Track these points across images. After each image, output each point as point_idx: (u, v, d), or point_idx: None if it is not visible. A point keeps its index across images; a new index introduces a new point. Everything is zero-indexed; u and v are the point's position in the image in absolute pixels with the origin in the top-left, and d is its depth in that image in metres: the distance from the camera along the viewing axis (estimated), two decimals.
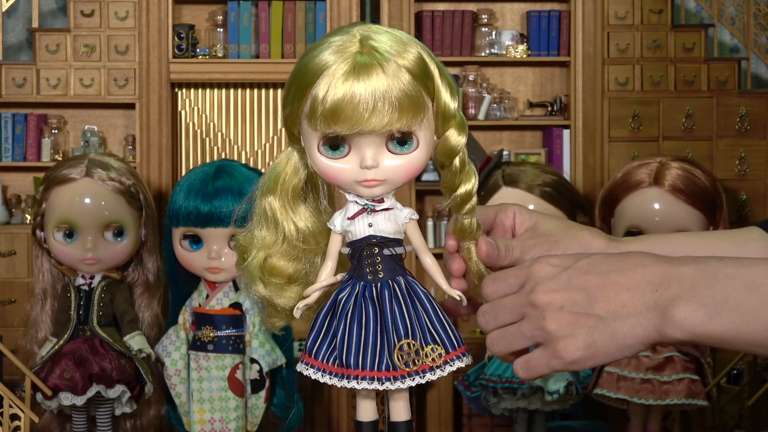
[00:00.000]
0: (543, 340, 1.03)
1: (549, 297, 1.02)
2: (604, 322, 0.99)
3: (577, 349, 1.00)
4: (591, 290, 1.00)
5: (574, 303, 1.01)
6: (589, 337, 1.00)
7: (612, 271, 1.00)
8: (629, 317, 0.98)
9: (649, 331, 0.98)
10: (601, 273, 1.01)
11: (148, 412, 2.71)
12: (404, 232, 1.22)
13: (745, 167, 4.17)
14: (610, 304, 0.99)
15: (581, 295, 1.01)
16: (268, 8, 4.17)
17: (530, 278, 1.05)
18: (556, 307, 1.01)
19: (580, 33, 4.16)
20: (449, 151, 1.20)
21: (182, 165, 4.23)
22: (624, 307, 0.99)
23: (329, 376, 1.19)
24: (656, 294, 0.98)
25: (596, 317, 1.00)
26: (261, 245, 1.23)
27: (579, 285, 1.01)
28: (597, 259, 1.03)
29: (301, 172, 1.23)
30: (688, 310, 0.96)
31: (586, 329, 1.00)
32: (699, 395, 2.71)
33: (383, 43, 1.14)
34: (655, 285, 0.98)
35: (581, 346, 1.00)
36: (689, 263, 0.99)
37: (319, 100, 1.12)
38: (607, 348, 1.00)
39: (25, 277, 3.94)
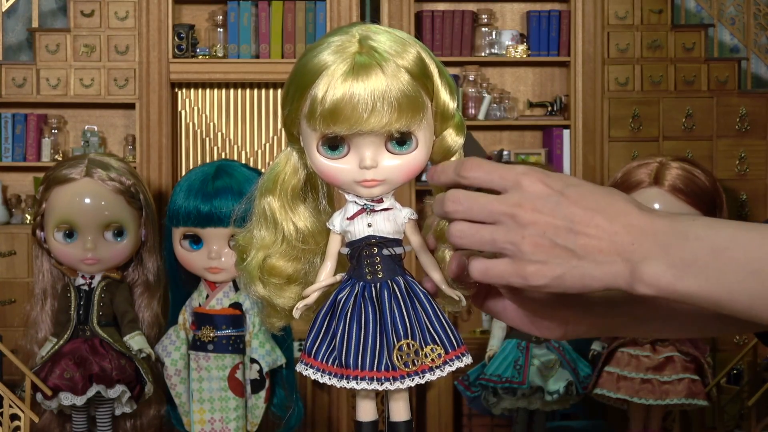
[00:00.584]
0: (512, 254, 1.01)
1: (534, 217, 1.00)
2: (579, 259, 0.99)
3: (544, 277, 1.00)
4: (574, 224, 1.00)
5: (556, 231, 1.00)
6: (560, 269, 1.00)
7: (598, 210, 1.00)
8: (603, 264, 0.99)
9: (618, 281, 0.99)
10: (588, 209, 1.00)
11: (148, 412, 2.71)
12: (403, 233, 1.22)
13: (745, 167, 4.17)
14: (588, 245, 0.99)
15: (564, 225, 1.00)
16: (268, 8, 4.17)
17: (518, 188, 1.02)
18: (539, 229, 1.00)
19: (580, 33, 4.16)
20: (446, 151, 1.20)
21: (182, 165, 4.23)
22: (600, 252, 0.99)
23: (329, 377, 1.19)
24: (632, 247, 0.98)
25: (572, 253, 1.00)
26: (260, 245, 1.23)
27: (564, 214, 1.00)
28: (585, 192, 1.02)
29: (300, 172, 1.23)
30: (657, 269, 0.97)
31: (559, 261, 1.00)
32: (699, 395, 2.71)
33: (382, 43, 1.14)
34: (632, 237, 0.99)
35: (550, 275, 1.00)
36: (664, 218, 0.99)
37: (318, 100, 1.12)
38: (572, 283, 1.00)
39: (25, 277, 3.94)
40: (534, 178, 1.02)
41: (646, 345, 2.75)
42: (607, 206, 1.01)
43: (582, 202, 1.01)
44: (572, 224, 1.00)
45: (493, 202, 1.03)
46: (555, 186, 1.02)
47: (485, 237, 1.03)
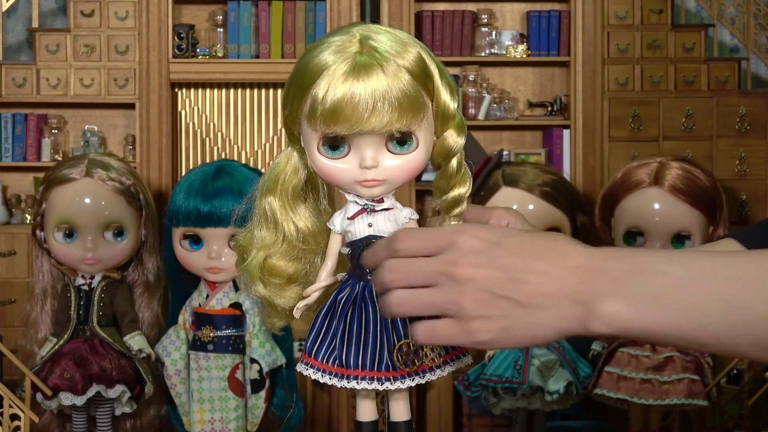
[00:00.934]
0: (455, 314, 0.98)
1: (471, 272, 0.97)
2: (523, 309, 0.96)
3: (489, 332, 0.97)
4: (515, 273, 0.96)
5: (496, 283, 0.96)
6: (505, 321, 0.96)
7: (539, 256, 0.97)
8: (551, 309, 0.95)
9: (570, 324, 0.95)
10: (527, 256, 0.97)
11: (148, 412, 2.71)
12: None
13: (745, 167, 4.17)
14: (532, 292, 0.96)
15: (504, 276, 0.96)
16: (268, 8, 4.17)
17: (452, 247, 0.99)
18: (477, 284, 0.97)
19: (580, 33, 4.16)
20: (446, 152, 1.21)
21: (182, 165, 4.23)
22: (546, 297, 0.95)
23: (329, 376, 1.19)
24: (580, 287, 0.95)
25: (516, 303, 0.96)
26: (261, 245, 1.23)
27: (503, 265, 0.97)
28: (524, 240, 0.99)
29: (300, 172, 1.23)
30: (615, 305, 0.93)
31: (502, 313, 0.96)
32: (699, 395, 2.71)
33: (383, 43, 1.14)
34: (579, 278, 0.95)
35: (495, 329, 0.97)
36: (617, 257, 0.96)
37: (319, 100, 1.12)
38: (521, 336, 0.97)
39: (25, 277, 3.94)
40: (467, 234, 0.99)
41: (646, 345, 2.75)
42: (548, 251, 0.98)
43: (520, 250, 0.98)
44: (512, 273, 0.96)
45: (429, 264, 1.00)
46: (490, 238, 0.99)
47: (424, 300, 1.00)
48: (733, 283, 0.92)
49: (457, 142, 1.21)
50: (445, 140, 1.20)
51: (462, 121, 1.22)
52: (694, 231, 2.80)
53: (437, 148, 1.21)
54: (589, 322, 0.94)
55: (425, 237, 1.02)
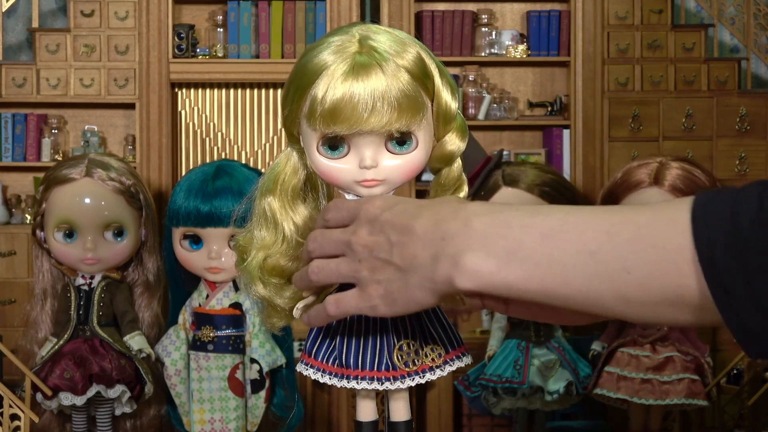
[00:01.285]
0: (356, 281, 1.02)
1: (364, 240, 1.00)
2: (401, 272, 0.97)
3: (378, 297, 0.99)
4: (393, 236, 0.98)
5: (381, 249, 0.99)
6: (388, 286, 0.98)
7: (414, 217, 0.98)
8: (420, 268, 0.96)
9: (438, 283, 0.95)
10: (404, 220, 0.98)
11: (148, 412, 2.71)
12: None
13: (745, 167, 4.17)
14: (405, 254, 0.97)
15: (386, 241, 0.99)
16: (268, 8, 4.17)
17: (357, 218, 1.03)
18: (368, 251, 1.00)
19: (580, 33, 4.16)
20: (447, 156, 1.21)
21: (182, 165, 4.23)
22: (415, 257, 0.96)
23: (329, 376, 1.19)
24: (443, 243, 0.95)
25: (395, 266, 0.98)
26: (260, 245, 1.23)
27: (387, 231, 0.99)
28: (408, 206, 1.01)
29: (300, 172, 1.23)
30: (476, 259, 0.93)
31: (385, 277, 0.98)
32: (699, 395, 2.71)
33: (382, 43, 1.14)
34: (442, 235, 0.95)
35: (382, 293, 0.99)
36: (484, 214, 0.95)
37: (318, 100, 1.12)
38: (403, 300, 0.98)
39: (25, 277, 3.94)
40: (369, 203, 1.03)
41: (646, 345, 2.75)
42: (422, 212, 0.99)
43: (401, 216, 0.99)
44: (391, 238, 0.99)
45: (338, 234, 1.04)
46: (386, 205, 1.02)
47: (333, 270, 1.04)
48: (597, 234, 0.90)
49: (459, 146, 1.21)
50: (446, 145, 1.20)
51: (464, 124, 1.22)
52: None
53: (437, 152, 1.21)
54: (454, 278, 0.94)
55: (343, 205, 1.07)
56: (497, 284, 0.92)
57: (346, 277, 1.03)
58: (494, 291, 0.93)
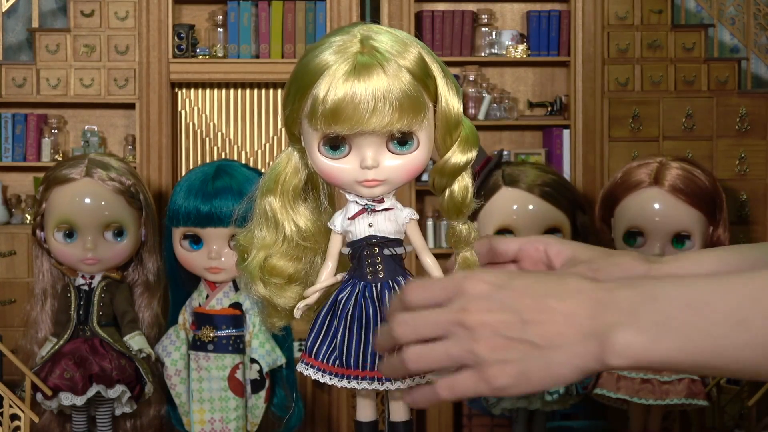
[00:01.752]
0: (472, 363, 0.95)
1: (482, 318, 0.94)
2: (539, 350, 0.93)
3: (508, 376, 0.94)
4: (526, 314, 0.94)
5: (508, 327, 0.94)
6: (522, 365, 0.94)
7: (548, 295, 0.94)
8: (565, 347, 0.93)
9: (588, 361, 0.93)
10: (537, 296, 0.94)
11: (148, 412, 2.71)
12: (404, 232, 1.22)
13: (745, 167, 4.17)
14: (545, 331, 0.93)
15: (516, 318, 0.94)
16: (268, 8, 4.16)
17: (461, 294, 0.96)
18: (489, 329, 0.94)
19: (580, 33, 4.16)
20: (452, 170, 1.20)
21: (182, 165, 4.23)
22: (560, 335, 0.93)
23: (329, 376, 1.19)
24: (593, 321, 0.92)
25: (530, 344, 0.93)
26: (261, 245, 1.23)
27: (514, 308, 0.94)
28: (533, 280, 0.97)
29: (301, 172, 1.23)
30: (628, 336, 0.91)
31: (519, 356, 0.93)
32: (699, 395, 2.71)
33: (384, 43, 1.14)
34: (591, 311, 0.93)
35: (513, 373, 0.94)
36: (626, 287, 0.93)
37: (320, 100, 1.12)
38: (540, 377, 0.94)
39: (25, 277, 3.94)
40: (476, 279, 0.97)
41: None
42: (557, 288, 0.95)
43: (529, 291, 0.95)
44: (523, 314, 0.94)
45: (438, 314, 0.97)
46: (499, 281, 0.97)
47: (440, 354, 0.97)
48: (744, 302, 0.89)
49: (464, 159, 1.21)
50: (449, 161, 1.20)
51: (471, 135, 1.22)
52: (694, 231, 2.80)
53: (440, 167, 1.21)
54: (606, 356, 0.92)
55: (434, 287, 1.00)
56: (650, 360, 0.91)
57: (458, 359, 0.96)
58: (646, 366, 0.92)
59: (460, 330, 0.95)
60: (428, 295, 0.99)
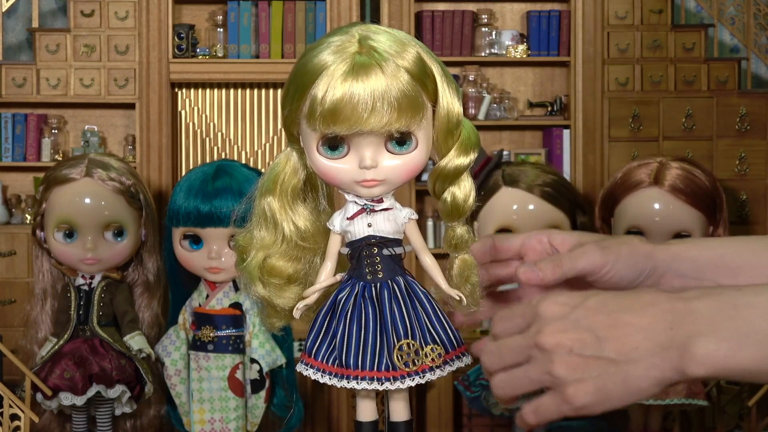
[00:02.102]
0: (551, 384, 0.97)
1: (556, 339, 0.96)
2: (616, 365, 0.94)
3: (587, 394, 0.95)
4: (601, 331, 0.94)
5: (584, 345, 0.95)
6: (600, 381, 0.94)
7: (622, 310, 0.95)
8: (643, 359, 0.93)
9: (666, 372, 0.93)
10: (611, 312, 0.95)
11: (148, 412, 2.71)
12: (403, 232, 1.22)
13: (745, 167, 4.17)
14: (621, 346, 0.94)
15: (590, 336, 0.95)
16: (268, 8, 4.16)
17: (537, 318, 0.98)
18: (565, 349, 0.95)
19: (580, 33, 4.16)
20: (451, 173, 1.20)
21: (182, 165, 4.23)
22: (636, 349, 0.93)
23: (329, 377, 1.19)
24: (671, 332, 0.92)
25: (607, 360, 0.94)
26: (260, 245, 1.23)
27: (588, 326, 0.95)
28: (606, 298, 0.97)
29: (300, 172, 1.23)
30: (709, 345, 0.91)
31: (596, 373, 0.94)
32: (699, 395, 2.71)
33: (382, 43, 1.14)
34: (668, 323, 0.93)
35: (591, 390, 0.95)
36: (704, 297, 0.94)
37: (318, 100, 1.12)
38: (619, 392, 0.94)
39: (25, 277, 3.94)
40: (549, 301, 0.99)
41: None
42: (632, 303, 0.96)
43: (604, 308, 0.96)
44: (597, 332, 0.95)
45: (517, 340, 1.00)
46: (573, 302, 0.98)
47: (521, 378, 0.99)
48: None
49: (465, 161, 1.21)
50: (449, 164, 1.20)
51: (474, 138, 1.21)
52: (694, 231, 2.80)
53: (441, 168, 1.21)
54: (685, 366, 0.92)
55: (513, 315, 1.02)
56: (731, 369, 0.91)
57: (539, 381, 0.98)
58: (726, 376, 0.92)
59: (537, 353, 0.97)
60: (510, 324, 1.01)
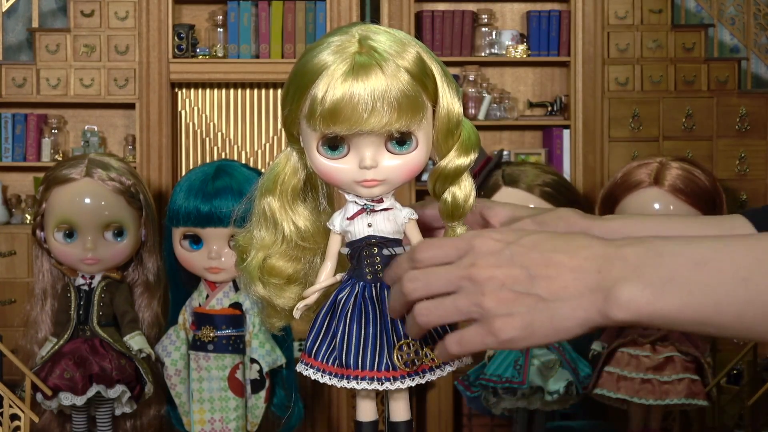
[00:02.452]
0: (479, 316, 0.98)
1: (490, 272, 0.98)
2: (545, 302, 0.96)
3: (513, 329, 0.97)
4: (533, 269, 0.97)
5: (516, 281, 0.97)
6: (528, 317, 0.96)
7: (555, 250, 0.97)
8: (570, 299, 0.95)
9: (591, 314, 0.95)
10: (545, 251, 0.97)
11: (148, 412, 2.71)
12: (404, 232, 1.22)
13: (745, 167, 4.17)
14: (551, 285, 0.96)
15: (523, 273, 0.97)
16: (268, 8, 4.17)
17: (471, 251, 1.00)
18: (497, 283, 0.97)
19: (580, 33, 4.16)
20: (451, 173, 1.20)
21: (182, 165, 4.23)
22: (565, 288, 0.95)
23: (329, 377, 1.19)
24: (599, 275, 0.95)
25: (537, 297, 0.96)
26: (260, 245, 1.23)
27: (522, 263, 0.97)
28: (541, 237, 1.00)
29: (300, 172, 1.23)
30: (633, 289, 0.93)
31: (525, 309, 0.96)
32: (699, 395, 2.71)
33: (382, 43, 1.14)
34: (597, 266, 0.95)
35: (518, 325, 0.96)
36: (634, 244, 0.96)
37: (318, 100, 1.12)
38: (545, 330, 0.96)
39: (25, 277, 3.94)
40: (485, 237, 1.00)
41: (646, 345, 2.75)
42: (564, 244, 0.98)
43: (538, 247, 0.98)
44: (530, 269, 0.97)
45: (449, 269, 1.01)
46: (508, 238, 1.00)
47: (449, 307, 1.00)
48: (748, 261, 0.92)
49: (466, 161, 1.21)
50: (452, 161, 1.20)
51: (474, 138, 1.22)
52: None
53: (441, 169, 1.21)
54: (609, 309, 0.94)
55: (444, 244, 1.03)
56: (652, 314, 0.93)
57: (467, 312, 0.99)
58: (648, 321, 0.94)
59: (468, 284, 0.99)
60: (438, 252, 1.02)
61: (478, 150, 1.22)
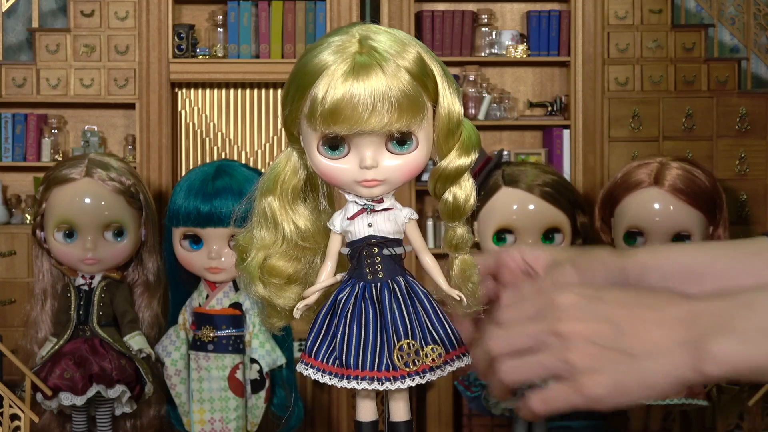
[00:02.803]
0: (565, 373, 0.95)
1: (575, 327, 0.94)
2: (634, 359, 0.93)
3: (602, 386, 0.93)
4: (620, 324, 0.94)
5: (602, 336, 0.93)
6: (617, 374, 0.93)
7: (641, 306, 0.94)
8: (660, 356, 0.92)
9: (683, 371, 0.92)
10: (631, 307, 0.94)
11: (148, 412, 2.71)
12: (404, 232, 1.22)
13: (745, 167, 4.17)
14: (641, 341, 0.93)
15: (609, 328, 0.94)
16: (268, 8, 4.16)
17: (553, 306, 0.97)
18: (583, 338, 0.94)
19: (580, 33, 4.16)
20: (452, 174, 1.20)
21: (182, 165, 4.23)
22: (655, 345, 0.92)
23: (329, 377, 1.19)
24: (689, 331, 0.92)
25: (625, 353, 0.93)
26: (260, 245, 1.23)
27: (607, 317, 0.94)
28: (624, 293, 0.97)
29: (300, 172, 1.23)
30: (727, 343, 0.90)
31: (613, 365, 0.93)
32: (699, 395, 2.71)
33: (383, 43, 1.14)
34: (687, 322, 0.92)
35: (607, 383, 0.93)
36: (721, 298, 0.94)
37: (319, 100, 1.12)
38: (635, 388, 0.93)
39: (25, 277, 3.94)
40: (567, 291, 0.98)
41: None
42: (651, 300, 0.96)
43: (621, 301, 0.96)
44: (617, 324, 0.94)
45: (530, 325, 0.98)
46: (591, 293, 0.97)
47: (533, 364, 0.97)
48: None
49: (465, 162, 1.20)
50: (452, 161, 1.19)
51: (475, 138, 1.21)
52: (694, 231, 2.80)
53: (441, 169, 1.21)
54: (703, 365, 0.91)
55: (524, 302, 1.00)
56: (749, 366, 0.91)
57: (552, 369, 0.96)
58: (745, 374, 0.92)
59: (553, 339, 0.95)
60: (520, 313, 0.99)
61: (478, 150, 1.22)
